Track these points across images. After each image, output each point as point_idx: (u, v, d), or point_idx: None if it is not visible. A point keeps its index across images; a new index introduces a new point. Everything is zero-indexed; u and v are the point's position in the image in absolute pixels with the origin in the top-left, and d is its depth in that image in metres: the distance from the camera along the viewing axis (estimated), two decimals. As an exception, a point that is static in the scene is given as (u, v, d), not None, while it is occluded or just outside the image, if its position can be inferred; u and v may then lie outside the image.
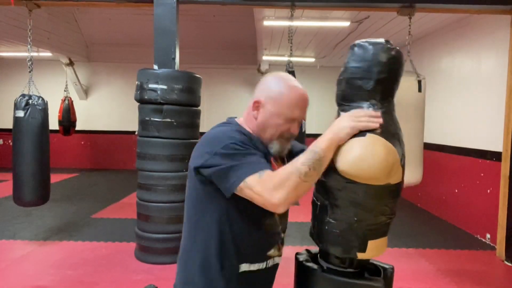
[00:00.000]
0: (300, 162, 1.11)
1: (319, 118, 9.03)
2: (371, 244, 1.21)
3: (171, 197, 3.66)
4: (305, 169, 1.10)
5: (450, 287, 3.39)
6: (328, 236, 1.24)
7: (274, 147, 1.28)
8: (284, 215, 1.38)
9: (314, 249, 1.41)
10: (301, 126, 1.32)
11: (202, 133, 1.35)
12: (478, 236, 4.73)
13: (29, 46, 4.18)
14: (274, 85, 1.28)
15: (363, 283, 1.23)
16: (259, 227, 1.28)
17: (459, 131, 5.21)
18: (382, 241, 1.24)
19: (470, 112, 4.93)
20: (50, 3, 4.36)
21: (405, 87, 3.75)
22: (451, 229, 5.11)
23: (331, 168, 1.18)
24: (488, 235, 4.52)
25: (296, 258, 1.39)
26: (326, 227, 1.24)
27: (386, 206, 1.20)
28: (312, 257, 1.39)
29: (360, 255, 1.22)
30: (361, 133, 1.15)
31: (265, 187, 1.10)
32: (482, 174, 4.65)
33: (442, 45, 5.68)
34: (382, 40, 1.20)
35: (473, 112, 4.86)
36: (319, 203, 1.28)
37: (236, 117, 1.39)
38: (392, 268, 1.32)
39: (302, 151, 1.20)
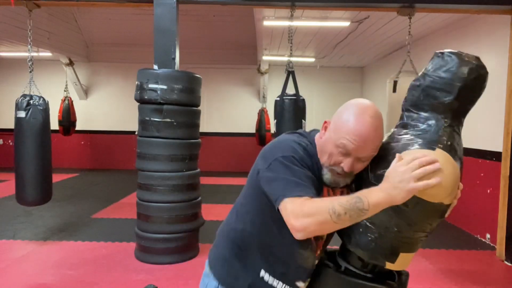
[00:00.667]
0: (339, 202, 1.04)
1: (319, 118, 9.04)
2: (401, 256, 1.18)
3: (171, 197, 3.66)
4: (341, 211, 1.03)
5: (450, 287, 3.39)
6: (360, 239, 1.20)
7: (325, 176, 1.22)
8: (323, 249, 1.34)
9: (328, 247, 1.40)
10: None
11: (202, 133, 1.35)
12: (478, 236, 4.73)
13: (29, 46, 4.19)
14: (346, 111, 1.19)
15: (377, 286, 1.21)
16: (292, 252, 1.25)
17: (459, 131, 5.20)
18: (411, 256, 1.22)
19: (470, 112, 4.90)
20: (50, 3, 4.37)
21: (406, 87, 3.76)
22: (451, 229, 5.11)
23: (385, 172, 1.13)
24: (488, 235, 4.53)
25: None
26: (361, 229, 1.19)
27: (429, 224, 1.16)
28: (330, 254, 1.37)
29: (389, 265, 1.20)
30: (430, 143, 1.09)
31: (296, 209, 1.07)
32: (482, 174, 4.66)
33: (442, 45, 5.68)
34: (473, 56, 1.14)
35: (473, 112, 4.81)
36: None
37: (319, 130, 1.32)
38: (407, 274, 1.30)
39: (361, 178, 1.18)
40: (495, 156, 4.35)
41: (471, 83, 1.12)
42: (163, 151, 3.62)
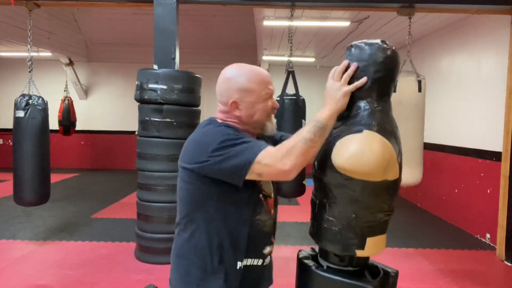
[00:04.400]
0: (304, 131, 1.17)
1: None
2: (369, 241, 1.22)
3: (171, 197, 3.66)
4: (310, 135, 1.16)
5: (450, 287, 3.39)
6: (326, 234, 1.25)
7: (269, 128, 1.34)
8: (276, 206, 1.41)
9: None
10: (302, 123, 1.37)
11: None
12: (478, 236, 4.73)
13: (29, 46, 4.18)
14: (237, 78, 1.31)
15: (355, 283, 1.22)
16: (251, 223, 1.29)
17: (459, 131, 5.21)
18: (381, 238, 1.25)
19: (470, 112, 4.93)
20: (50, 3, 4.36)
21: (405, 87, 3.76)
22: (451, 229, 5.11)
23: (329, 165, 1.20)
24: (488, 235, 4.53)
25: (297, 255, 1.40)
26: (325, 225, 1.25)
27: (384, 203, 1.21)
28: (314, 255, 1.39)
29: (359, 253, 1.23)
30: (358, 128, 1.17)
31: (275, 157, 1.16)
32: (482, 174, 4.66)
33: (442, 45, 5.68)
34: (378, 40, 1.23)
35: (473, 112, 4.86)
36: (317, 201, 1.29)
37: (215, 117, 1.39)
38: (396, 273, 1.31)
39: (282, 136, 1.36)
40: (495, 156, 4.35)
41: (383, 64, 1.20)
42: (163, 151, 3.62)
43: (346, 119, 1.23)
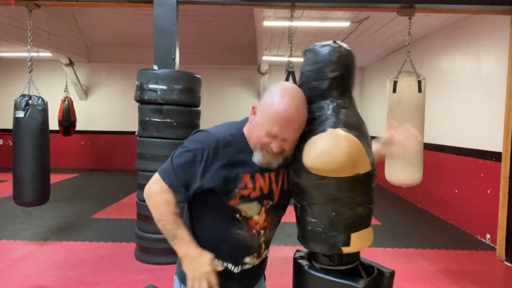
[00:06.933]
0: (167, 222, 1.33)
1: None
2: (354, 236, 1.23)
3: (171, 197, 3.65)
4: (161, 227, 1.34)
5: (450, 287, 3.39)
6: (311, 236, 1.26)
7: (256, 157, 1.27)
8: (272, 227, 1.39)
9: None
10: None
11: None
12: (478, 236, 4.72)
13: (29, 46, 4.18)
14: (269, 95, 1.26)
15: (346, 282, 1.22)
16: (229, 234, 1.32)
17: (459, 132, 5.21)
18: (366, 232, 1.26)
19: (470, 113, 4.93)
20: (50, 3, 4.36)
21: (405, 87, 3.76)
22: (451, 229, 5.11)
23: (302, 168, 1.21)
24: (488, 236, 4.52)
25: (294, 255, 1.41)
26: (309, 227, 1.26)
27: (360, 197, 1.23)
28: (310, 255, 1.39)
29: (346, 249, 1.23)
30: (323, 127, 1.19)
31: (153, 190, 1.35)
32: (482, 175, 4.66)
33: (442, 45, 5.68)
34: (330, 41, 1.27)
35: (473, 113, 4.86)
36: (298, 205, 1.30)
37: None
38: (391, 273, 1.31)
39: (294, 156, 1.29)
40: (495, 156, 4.35)
41: (338, 63, 1.23)
42: (163, 151, 3.61)
43: (313, 122, 1.24)
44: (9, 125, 4.26)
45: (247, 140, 1.30)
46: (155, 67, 3.76)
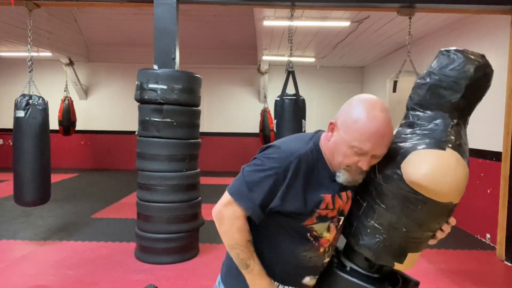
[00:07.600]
0: (240, 251, 1.19)
1: (319, 118, 9.05)
2: (409, 256, 1.18)
3: (171, 197, 3.66)
4: (234, 255, 1.21)
5: (450, 287, 3.39)
6: (368, 240, 1.19)
7: (341, 177, 1.17)
8: (335, 244, 1.33)
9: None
10: (302, 126, 1.29)
11: (202, 133, 1.36)
12: (478, 236, 4.73)
13: (29, 46, 4.18)
14: (354, 110, 1.14)
15: None
16: (294, 255, 1.25)
17: (459, 131, 5.20)
18: (417, 255, 1.22)
19: (470, 112, 4.92)
20: (50, 3, 4.36)
21: (406, 87, 3.76)
22: (451, 229, 5.11)
23: (396, 174, 1.11)
24: (488, 235, 4.52)
25: None
26: (368, 230, 1.19)
27: (438, 223, 1.17)
28: (337, 252, 1.37)
29: (397, 266, 1.19)
30: (435, 142, 1.09)
31: (227, 215, 1.19)
32: (482, 174, 4.66)
33: (442, 45, 5.66)
34: (478, 54, 1.13)
35: (473, 112, 4.85)
36: (365, 204, 1.21)
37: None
38: (416, 283, 1.27)
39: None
40: (495, 156, 4.35)
41: (477, 82, 1.12)
42: (163, 151, 3.62)
43: (418, 127, 1.14)
44: (10, 125, 4.26)
45: (324, 157, 1.21)
46: (155, 66, 3.76)
